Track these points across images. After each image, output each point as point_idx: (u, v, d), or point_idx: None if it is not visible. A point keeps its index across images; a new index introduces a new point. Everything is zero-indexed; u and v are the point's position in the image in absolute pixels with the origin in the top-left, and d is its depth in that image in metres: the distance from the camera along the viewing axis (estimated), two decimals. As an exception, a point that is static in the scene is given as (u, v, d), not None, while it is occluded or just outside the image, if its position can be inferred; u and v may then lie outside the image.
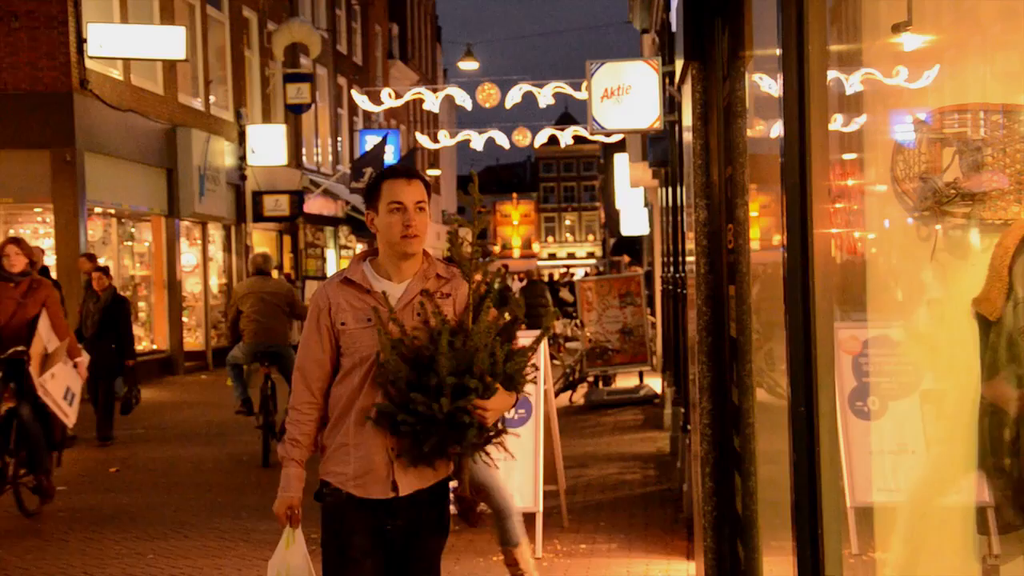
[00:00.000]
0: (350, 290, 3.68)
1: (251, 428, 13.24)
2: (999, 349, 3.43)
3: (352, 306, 3.64)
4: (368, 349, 3.59)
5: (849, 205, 4.31)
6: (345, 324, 3.64)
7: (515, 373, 3.59)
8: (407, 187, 3.64)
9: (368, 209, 3.72)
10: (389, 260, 3.68)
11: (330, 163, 30.98)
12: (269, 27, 25.65)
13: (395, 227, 3.61)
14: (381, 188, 3.65)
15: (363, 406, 3.60)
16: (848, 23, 3.99)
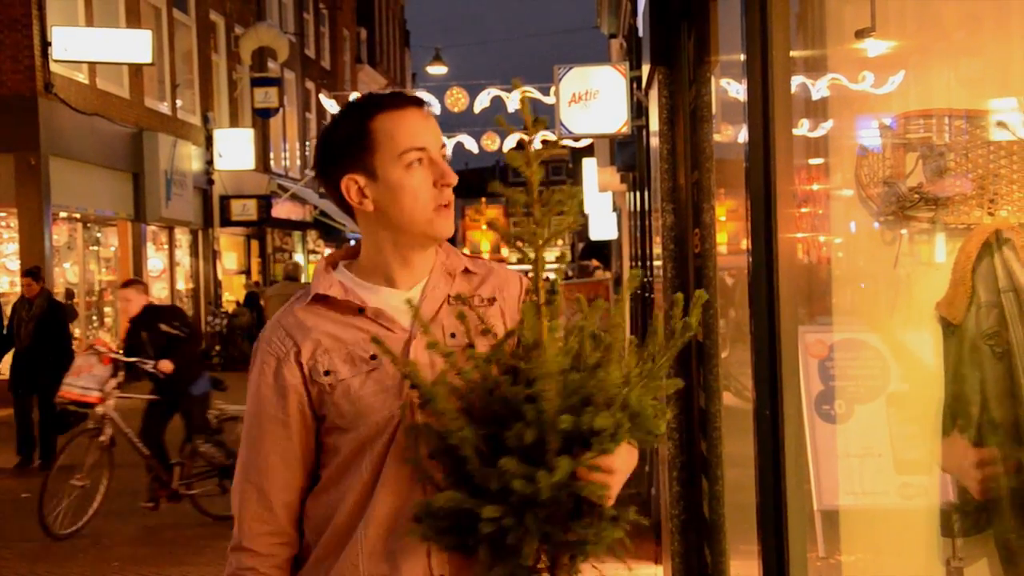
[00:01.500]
0: (328, 315, 2.14)
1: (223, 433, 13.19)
2: (962, 352, 3.45)
3: (338, 341, 2.11)
4: (384, 410, 2.07)
5: (814, 210, 4.34)
6: (333, 374, 2.09)
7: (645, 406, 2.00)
8: (425, 123, 2.12)
9: (348, 173, 2.11)
10: (395, 254, 2.14)
11: (298, 167, 30.87)
12: (236, 31, 25.54)
13: (423, 191, 2.08)
14: (375, 130, 2.09)
15: (387, 512, 2.08)
16: (814, 29, 4.02)
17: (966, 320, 3.45)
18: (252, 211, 24.37)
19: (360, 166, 2.10)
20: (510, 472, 1.85)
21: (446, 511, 1.91)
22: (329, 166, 2.15)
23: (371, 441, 2.08)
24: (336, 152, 2.13)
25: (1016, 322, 3.39)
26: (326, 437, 2.13)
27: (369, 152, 2.09)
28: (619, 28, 15.96)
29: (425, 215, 2.09)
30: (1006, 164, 3.52)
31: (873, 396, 3.78)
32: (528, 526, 1.88)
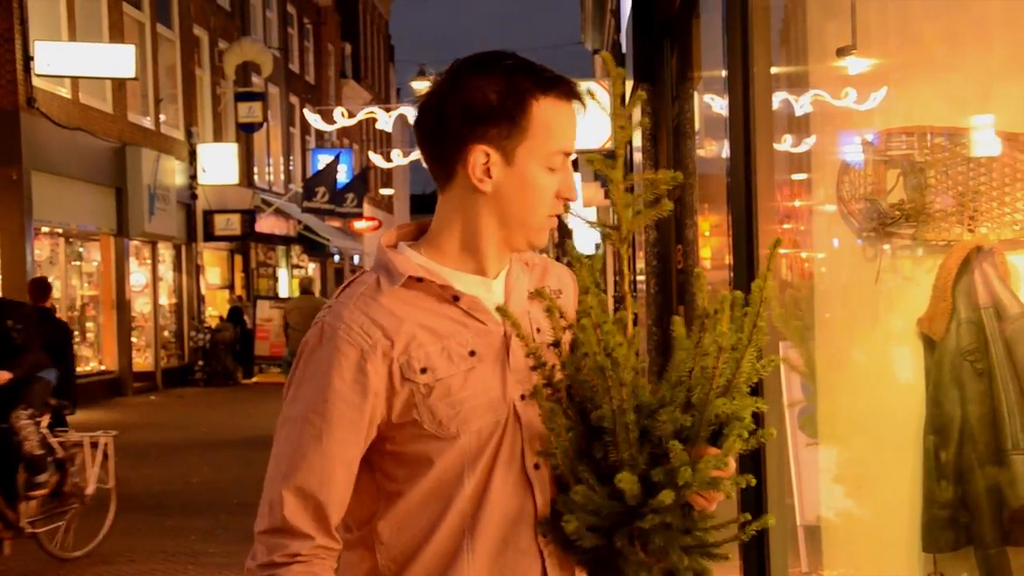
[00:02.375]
0: (416, 302, 1.86)
1: (200, 449, 13.13)
2: (943, 369, 3.47)
3: (433, 333, 1.84)
4: (490, 414, 1.84)
5: (796, 225, 4.36)
6: (430, 371, 1.82)
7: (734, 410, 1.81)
8: (576, 124, 1.92)
9: (483, 144, 1.84)
10: (495, 244, 1.90)
11: (282, 182, 30.83)
12: (220, 46, 25.53)
13: (549, 196, 1.88)
14: (535, 114, 1.84)
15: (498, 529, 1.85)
16: (797, 45, 4.04)
17: (947, 336, 3.46)
18: (236, 226, 24.31)
19: (501, 143, 1.82)
20: (676, 458, 1.69)
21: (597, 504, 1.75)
22: (459, 127, 1.83)
23: (473, 451, 1.82)
24: (478, 115, 1.82)
25: (996, 339, 3.40)
26: (408, 447, 1.83)
27: (519, 134, 1.82)
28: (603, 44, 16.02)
29: (539, 220, 1.87)
30: (985, 181, 3.55)
31: (854, 412, 3.79)
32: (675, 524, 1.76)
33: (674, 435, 1.72)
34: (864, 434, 3.72)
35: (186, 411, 13.79)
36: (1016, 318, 3.39)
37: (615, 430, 1.73)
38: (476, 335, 1.84)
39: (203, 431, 14.36)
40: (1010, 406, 3.32)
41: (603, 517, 1.75)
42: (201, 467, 11.77)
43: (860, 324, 3.78)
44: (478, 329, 1.85)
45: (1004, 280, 3.45)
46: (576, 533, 1.76)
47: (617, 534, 1.75)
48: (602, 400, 1.73)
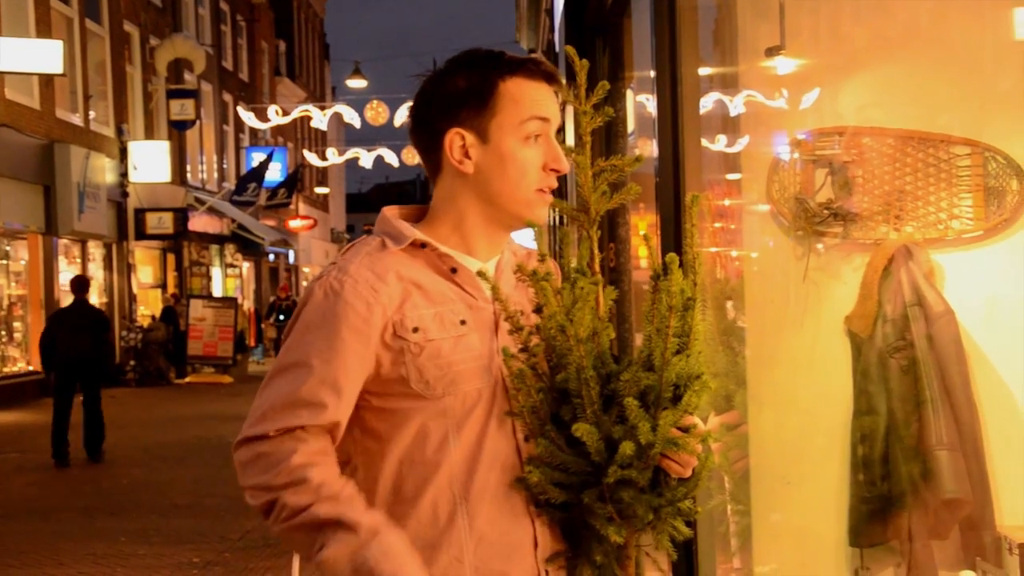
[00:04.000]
0: (416, 265, 1.93)
1: (131, 450, 12.96)
2: (869, 366, 3.52)
3: (428, 296, 1.91)
4: (475, 381, 1.89)
5: (727, 224, 4.39)
6: (422, 332, 1.88)
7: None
8: (554, 101, 1.98)
9: (457, 127, 1.93)
10: (482, 227, 1.97)
11: (216, 180, 30.51)
12: (152, 42, 25.20)
13: (532, 168, 1.92)
14: (502, 90, 1.91)
15: (492, 495, 1.89)
16: (730, 47, 4.08)
17: (873, 334, 3.51)
18: (168, 224, 24.02)
19: (473, 123, 1.92)
20: (634, 416, 1.76)
21: (562, 459, 1.81)
22: (434, 114, 1.95)
23: (458, 414, 1.88)
24: (449, 101, 1.93)
25: (921, 336, 3.46)
26: (392, 403, 1.88)
27: (489, 112, 1.92)
28: (538, 43, 16.04)
29: (526, 194, 1.93)
30: (911, 181, 3.60)
31: (784, 409, 3.83)
32: (640, 481, 1.80)
33: (638, 395, 1.78)
34: (792, 431, 3.75)
35: (117, 412, 13.60)
36: (940, 316, 3.44)
37: (579, 390, 1.79)
38: (468, 308, 1.92)
39: (134, 432, 14.15)
40: (934, 403, 3.38)
41: (570, 473, 1.81)
42: (132, 468, 11.61)
43: (789, 322, 3.82)
44: (470, 303, 1.93)
45: (929, 278, 3.50)
46: (539, 487, 1.83)
47: (586, 491, 1.81)
48: (566, 360, 1.81)
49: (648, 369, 1.80)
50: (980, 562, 3.24)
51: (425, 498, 1.87)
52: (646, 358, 1.82)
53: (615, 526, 1.82)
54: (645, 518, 1.83)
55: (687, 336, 1.81)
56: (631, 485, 1.79)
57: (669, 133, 2.45)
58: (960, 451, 3.36)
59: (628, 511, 1.81)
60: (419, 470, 1.87)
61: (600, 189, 1.89)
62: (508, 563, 1.87)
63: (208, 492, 10.16)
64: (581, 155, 1.88)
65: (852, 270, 3.63)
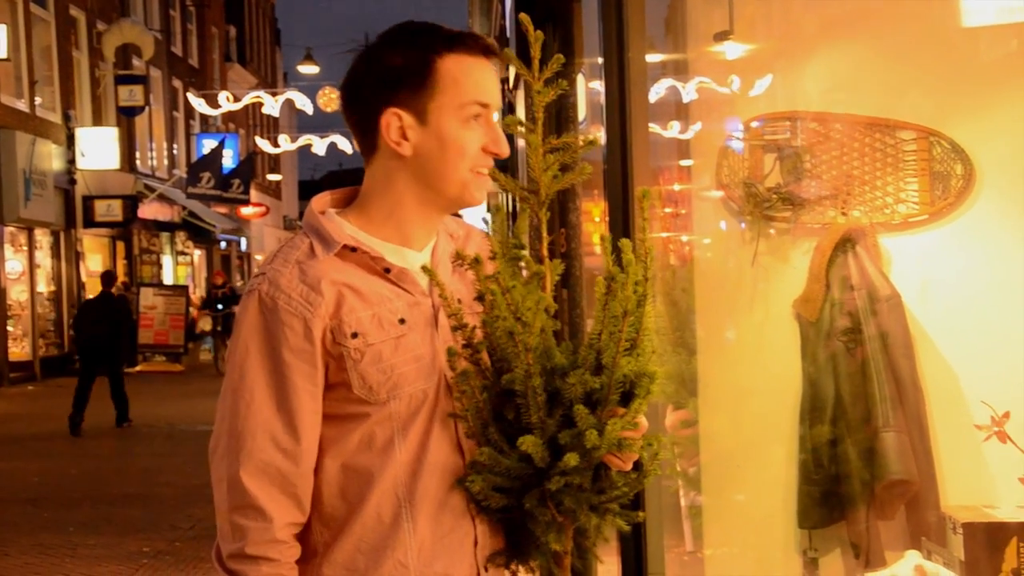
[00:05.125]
0: (348, 268, 1.87)
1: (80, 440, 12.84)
2: (818, 349, 3.55)
3: (364, 299, 1.85)
4: (418, 382, 1.84)
5: (676, 210, 4.41)
6: (361, 337, 1.83)
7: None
8: (494, 79, 1.91)
9: (393, 107, 1.85)
10: (419, 211, 1.90)
11: (166, 167, 30.18)
12: (99, 27, 24.85)
13: (471, 150, 1.86)
14: (440, 70, 1.84)
15: (434, 498, 1.85)
16: (683, 33, 4.09)
17: (821, 317, 3.54)
18: (117, 212, 23.72)
19: (411, 104, 1.84)
20: (582, 422, 1.71)
21: (505, 465, 1.76)
22: (369, 92, 1.86)
23: (403, 417, 1.83)
24: (385, 80, 1.84)
25: (869, 319, 3.50)
26: (336, 409, 1.83)
27: (427, 92, 1.83)
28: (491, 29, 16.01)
29: (463, 176, 1.85)
30: (858, 166, 3.63)
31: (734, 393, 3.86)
32: (584, 484, 1.77)
33: (584, 397, 1.73)
34: (741, 414, 3.78)
35: (66, 401, 13.43)
36: (887, 299, 3.48)
37: (525, 393, 1.74)
38: (406, 305, 1.85)
39: (84, 422, 14.00)
40: (881, 385, 3.42)
41: (512, 478, 1.77)
42: (81, 458, 11.49)
43: (738, 306, 3.84)
44: (408, 300, 1.86)
45: (876, 262, 3.54)
46: (481, 493, 1.79)
47: (527, 495, 1.77)
48: (513, 363, 1.75)
49: (596, 369, 1.76)
50: (925, 542, 3.29)
51: (370, 502, 1.83)
52: (594, 359, 1.77)
53: (555, 532, 1.80)
54: (587, 522, 1.81)
55: (637, 333, 1.78)
56: (574, 489, 1.76)
57: (617, 119, 2.45)
58: (906, 433, 3.40)
59: (569, 513, 1.79)
60: (364, 475, 1.83)
61: (552, 171, 1.82)
62: (450, 563, 1.85)
63: (159, 481, 10.08)
64: (533, 134, 1.82)
65: (801, 254, 3.66)
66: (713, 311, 3.92)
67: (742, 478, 3.79)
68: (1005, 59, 3.63)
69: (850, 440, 3.46)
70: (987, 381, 3.37)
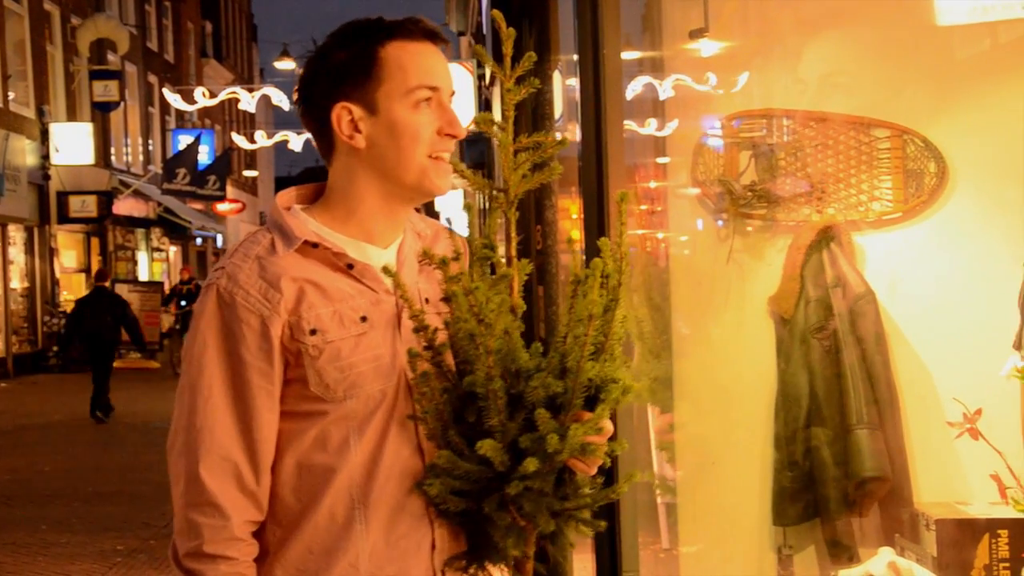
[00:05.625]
0: (310, 264, 1.83)
1: (53, 437, 12.76)
2: (792, 346, 3.56)
3: (324, 294, 1.81)
4: (377, 382, 1.81)
5: (652, 207, 4.42)
6: (320, 333, 1.79)
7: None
8: (441, 61, 1.89)
9: (343, 101, 1.84)
10: (381, 205, 1.87)
11: (141, 163, 30.01)
12: (73, 21, 24.67)
13: (425, 134, 1.83)
14: (384, 58, 1.82)
15: (391, 499, 1.81)
16: (656, 30, 4.09)
17: (796, 314, 3.55)
18: (92, 207, 23.57)
19: (359, 96, 1.83)
20: (543, 426, 1.66)
21: (464, 469, 1.71)
22: (319, 91, 1.86)
23: (360, 417, 1.79)
24: (332, 76, 1.84)
25: (843, 316, 3.51)
26: (291, 405, 1.80)
27: (374, 82, 1.82)
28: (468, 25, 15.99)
29: (421, 163, 1.83)
30: (833, 164, 3.65)
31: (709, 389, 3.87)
32: (544, 489, 1.72)
33: (547, 401, 1.69)
34: (716, 411, 3.79)
35: (39, 398, 13.38)
36: (861, 296, 3.49)
37: (487, 395, 1.70)
38: (369, 303, 1.82)
39: (57, 419, 13.92)
40: (855, 382, 3.43)
41: (472, 482, 1.73)
42: (54, 456, 11.42)
43: (714, 304, 3.85)
44: (371, 297, 1.83)
45: (850, 260, 3.55)
46: (439, 497, 1.75)
47: (487, 499, 1.73)
48: (474, 365, 1.72)
49: (561, 373, 1.71)
50: (899, 538, 3.30)
51: (323, 502, 1.79)
52: (558, 362, 1.72)
53: (514, 537, 1.76)
54: (546, 528, 1.76)
55: (606, 338, 1.73)
56: (535, 493, 1.72)
57: (592, 116, 2.45)
58: (880, 430, 3.41)
59: (529, 518, 1.74)
60: (318, 474, 1.80)
61: (521, 170, 1.78)
62: (404, 568, 1.81)
63: (133, 479, 10.03)
64: (504, 132, 1.79)
65: (776, 252, 3.67)
66: (689, 308, 3.92)
67: (717, 475, 3.79)
68: (978, 58, 3.64)
69: (824, 437, 3.47)
70: (960, 378, 3.39)
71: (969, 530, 3.02)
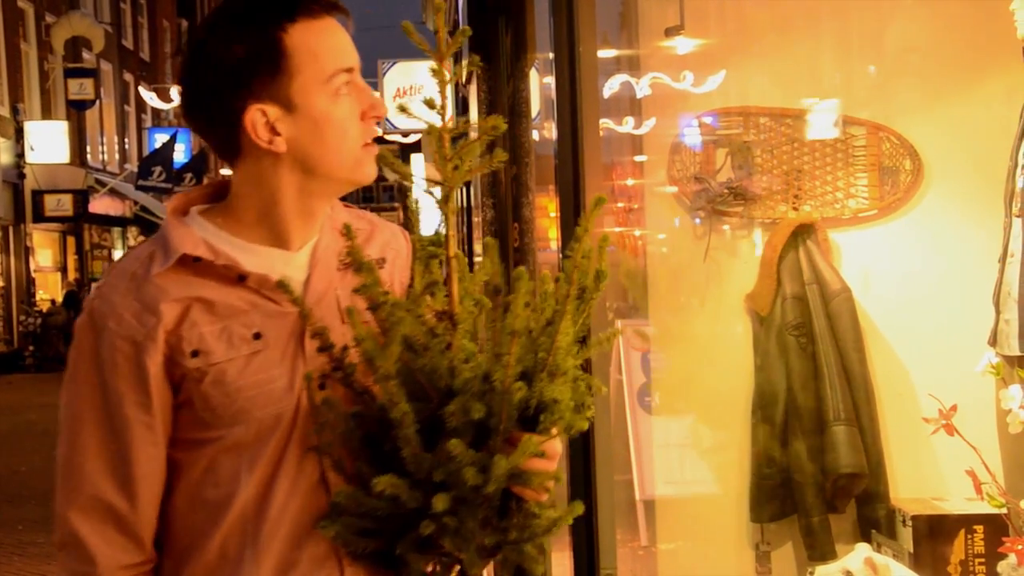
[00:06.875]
0: (195, 280, 1.62)
1: (29, 436, 12.70)
2: (769, 344, 3.56)
3: (210, 311, 1.61)
4: (270, 407, 1.60)
5: (629, 205, 4.42)
6: (203, 355, 1.59)
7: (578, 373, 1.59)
8: (346, 35, 1.66)
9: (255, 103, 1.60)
10: (300, 204, 1.65)
11: (117, 162, 29.87)
12: (47, 19, 24.53)
13: (352, 124, 1.62)
14: (292, 47, 1.59)
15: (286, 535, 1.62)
16: (632, 28, 4.09)
17: (773, 312, 3.56)
18: (68, 206, 23.47)
19: (271, 94, 1.58)
20: (459, 458, 1.44)
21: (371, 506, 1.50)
22: (220, 92, 1.60)
23: (250, 446, 1.59)
24: (235, 75, 1.58)
25: (819, 313, 3.52)
26: (181, 433, 1.62)
27: (285, 76, 1.57)
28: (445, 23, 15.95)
29: (353, 155, 1.61)
30: (809, 161, 3.66)
31: (687, 388, 3.87)
32: (469, 525, 1.49)
33: (474, 427, 1.48)
34: (694, 409, 3.80)
35: (15, 397, 13.30)
36: (837, 294, 3.50)
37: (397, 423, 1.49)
38: (266, 317, 1.60)
39: (33, 418, 13.84)
40: (831, 379, 3.44)
41: (380, 520, 1.52)
42: (31, 455, 11.36)
43: (690, 301, 3.85)
44: (269, 310, 1.61)
45: (826, 257, 3.56)
46: (339, 539, 1.56)
47: (400, 540, 1.52)
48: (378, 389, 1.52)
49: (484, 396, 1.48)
50: (875, 534, 3.32)
51: (215, 538, 1.61)
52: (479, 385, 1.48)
53: None
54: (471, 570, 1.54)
55: (548, 354, 1.50)
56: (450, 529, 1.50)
57: (568, 114, 2.45)
58: (856, 426, 3.42)
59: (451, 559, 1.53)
60: (209, 507, 1.61)
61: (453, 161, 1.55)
62: None
63: (110, 479, 9.97)
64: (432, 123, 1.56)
65: (752, 249, 3.68)
66: (665, 306, 3.93)
67: (694, 472, 3.80)
68: (953, 55, 3.66)
69: (801, 434, 3.48)
70: (935, 374, 3.41)
71: (945, 526, 3.04)
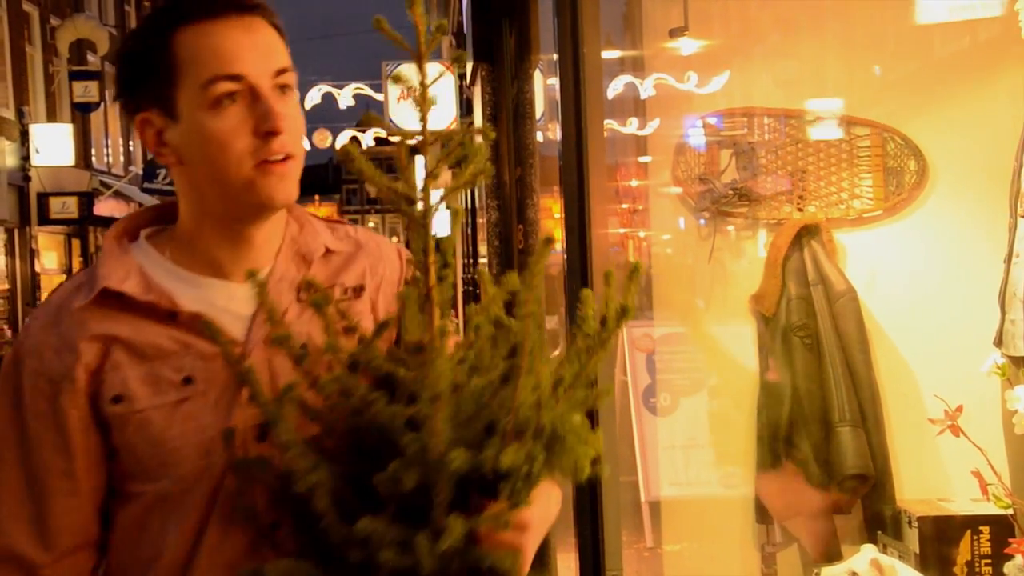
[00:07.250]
0: (122, 315, 1.46)
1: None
2: (774, 344, 3.56)
3: (135, 352, 1.45)
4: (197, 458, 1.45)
5: (633, 206, 4.42)
6: (126, 401, 1.45)
7: (568, 428, 1.36)
8: (248, 38, 1.45)
9: (143, 109, 1.49)
10: (221, 229, 1.50)
11: (122, 164, 29.90)
12: (52, 22, 24.57)
13: (235, 140, 1.42)
14: (178, 49, 1.44)
15: None
16: (636, 29, 4.09)
17: (778, 313, 3.56)
18: (73, 209, 23.48)
19: (157, 99, 1.45)
20: (375, 537, 1.26)
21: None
22: (124, 95, 1.51)
23: (175, 501, 1.44)
24: (127, 79, 1.49)
25: (824, 314, 3.51)
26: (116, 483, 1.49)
27: (168, 81, 1.43)
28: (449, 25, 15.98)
29: (239, 174, 1.41)
30: (813, 162, 3.65)
31: (693, 389, 3.87)
32: None
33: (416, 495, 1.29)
34: (699, 410, 3.80)
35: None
36: (842, 294, 3.50)
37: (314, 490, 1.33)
38: (199, 359, 1.45)
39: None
40: (837, 380, 3.43)
41: None
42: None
43: (695, 302, 3.85)
44: (204, 352, 1.45)
45: (831, 258, 3.55)
46: None
47: None
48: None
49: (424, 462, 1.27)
50: (881, 535, 3.31)
51: None
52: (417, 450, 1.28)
53: None
54: None
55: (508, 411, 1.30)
56: None
57: (572, 116, 2.45)
58: (862, 427, 3.42)
59: None
60: (139, 565, 1.47)
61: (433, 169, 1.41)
62: None
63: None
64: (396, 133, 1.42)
65: (757, 250, 3.68)
66: (670, 307, 3.92)
67: (700, 473, 3.80)
68: (958, 56, 3.66)
69: (807, 434, 3.48)
70: (941, 375, 3.40)
71: (951, 527, 3.03)
